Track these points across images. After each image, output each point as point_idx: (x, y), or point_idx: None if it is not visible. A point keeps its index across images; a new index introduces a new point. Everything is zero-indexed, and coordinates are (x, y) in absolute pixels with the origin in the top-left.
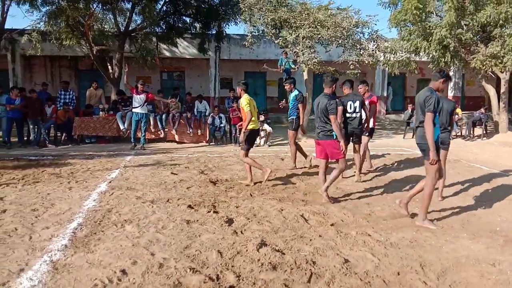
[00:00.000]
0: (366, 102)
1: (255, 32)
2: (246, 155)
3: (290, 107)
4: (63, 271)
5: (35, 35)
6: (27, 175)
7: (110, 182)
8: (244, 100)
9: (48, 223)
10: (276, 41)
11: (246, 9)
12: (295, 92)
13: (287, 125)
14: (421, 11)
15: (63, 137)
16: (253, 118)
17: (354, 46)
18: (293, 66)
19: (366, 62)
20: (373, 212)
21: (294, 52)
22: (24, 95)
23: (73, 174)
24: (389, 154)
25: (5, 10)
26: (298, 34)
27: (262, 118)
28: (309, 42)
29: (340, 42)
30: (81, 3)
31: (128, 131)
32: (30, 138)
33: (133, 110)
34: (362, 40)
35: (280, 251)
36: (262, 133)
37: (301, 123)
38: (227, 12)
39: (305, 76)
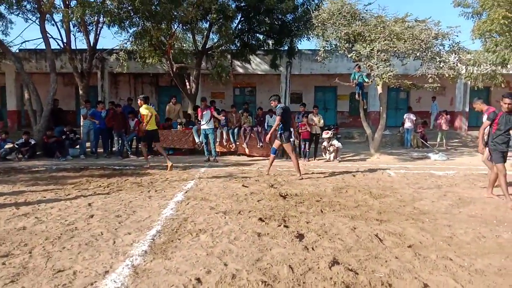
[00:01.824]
0: (484, 117)
1: (327, 47)
2: (144, 145)
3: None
4: (143, 275)
5: (122, 54)
6: (111, 183)
7: (186, 192)
8: (144, 110)
9: (130, 229)
10: (349, 55)
11: (319, 25)
12: (278, 106)
13: (358, 140)
14: (510, 20)
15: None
16: (151, 121)
17: (433, 58)
18: (366, 80)
19: (447, 75)
20: (455, 235)
21: (368, 65)
22: (111, 108)
23: (153, 184)
24: (473, 173)
25: (98, 32)
26: (373, 48)
27: (328, 133)
28: (384, 55)
29: (417, 55)
30: (164, 24)
31: (203, 144)
32: (114, 149)
33: (201, 127)
34: (442, 53)
35: (354, 271)
36: (330, 148)
37: (270, 132)
38: (300, 28)
39: (379, 90)
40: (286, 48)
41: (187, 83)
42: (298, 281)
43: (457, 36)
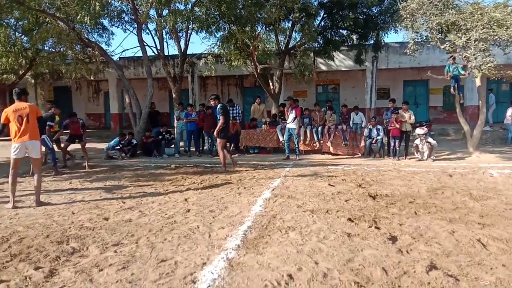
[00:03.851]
0: None
1: (417, 39)
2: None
3: (218, 118)
4: (237, 269)
5: (210, 58)
6: (204, 180)
7: (273, 190)
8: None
9: (223, 223)
10: (442, 47)
11: (408, 16)
12: (218, 106)
13: (454, 137)
14: None
15: (231, 147)
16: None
17: None
18: (462, 72)
19: None
20: None
21: (464, 56)
22: (201, 109)
23: (241, 181)
24: None
25: (187, 38)
26: (469, 37)
27: (424, 129)
28: (483, 45)
29: None
30: (248, 27)
31: (284, 142)
32: (205, 148)
33: (287, 125)
34: None
35: (454, 277)
36: (424, 147)
37: (216, 129)
38: (386, 20)
39: (478, 83)
40: (371, 42)
41: (270, 83)
42: (393, 284)
43: None
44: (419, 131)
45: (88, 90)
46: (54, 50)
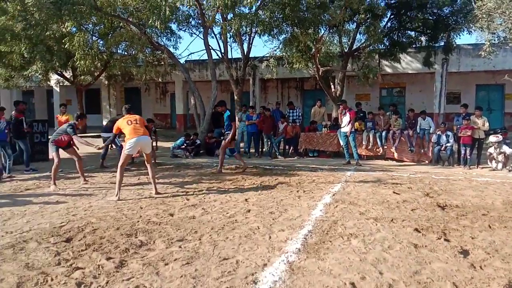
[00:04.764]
0: None
1: (493, 40)
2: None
3: (226, 124)
4: (298, 273)
5: (272, 61)
6: (263, 182)
7: (333, 195)
8: None
9: (283, 226)
10: None
11: (484, 16)
12: (227, 113)
13: None
14: None
15: (290, 150)
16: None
17: None
18: None
19: None
20: None
21: None
22: (261, 112)
23: (301, 184)
24: None
25: (251, 41)
26: None
27: (498, 137)
28: None
29: None
30: (311, 29)
31: (342, 146)
32: (264, 149)
33: (342, 129)
34: None
35: None
36: (499, 157)
37: (230, 138)
38: (458, 21)
39: None
40: (441, 44)
41: (332, 86)
42: None
43: None
44: (492, 138)
45: (156, 92)
46: (126, 53)
